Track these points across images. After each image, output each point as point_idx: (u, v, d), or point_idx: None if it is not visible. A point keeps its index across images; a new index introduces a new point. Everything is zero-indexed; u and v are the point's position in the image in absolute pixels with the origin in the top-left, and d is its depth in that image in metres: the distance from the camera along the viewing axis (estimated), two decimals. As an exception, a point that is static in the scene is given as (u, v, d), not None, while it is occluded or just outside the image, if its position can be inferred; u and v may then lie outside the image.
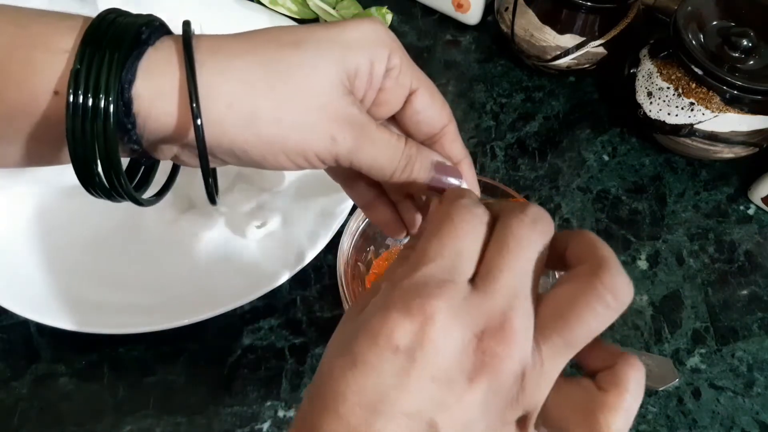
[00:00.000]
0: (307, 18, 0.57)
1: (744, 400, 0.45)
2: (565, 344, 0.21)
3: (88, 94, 0.22)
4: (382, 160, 0.26)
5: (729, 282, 0.50)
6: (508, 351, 0.20)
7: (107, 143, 0.23)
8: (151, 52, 0.23)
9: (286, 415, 0.42)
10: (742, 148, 0.52)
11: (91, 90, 0.22)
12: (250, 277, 0.44)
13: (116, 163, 0.23)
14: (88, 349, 0.43)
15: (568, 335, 0.20)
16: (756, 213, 0.54)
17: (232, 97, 0.23)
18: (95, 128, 0.22)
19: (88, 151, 0.23)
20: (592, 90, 0.61)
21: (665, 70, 0.52)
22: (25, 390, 0.42)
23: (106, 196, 0.25)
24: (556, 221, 0.52)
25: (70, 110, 0.22)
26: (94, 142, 0.22)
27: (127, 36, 0.23)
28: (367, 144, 0.25)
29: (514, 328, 0.20)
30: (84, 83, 0.22)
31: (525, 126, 0.58)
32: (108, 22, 0.23)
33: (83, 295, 0.43)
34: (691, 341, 0.47)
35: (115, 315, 0.42)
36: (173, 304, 0.43)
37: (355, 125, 0.25)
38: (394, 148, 0.26)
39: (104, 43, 0.22)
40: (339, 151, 0.25)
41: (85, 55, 0.22)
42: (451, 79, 0.60)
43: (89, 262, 0.45)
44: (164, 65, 0.23)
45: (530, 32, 0.56)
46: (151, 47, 0.23)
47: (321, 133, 0.24)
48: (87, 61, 0.22)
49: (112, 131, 0.22)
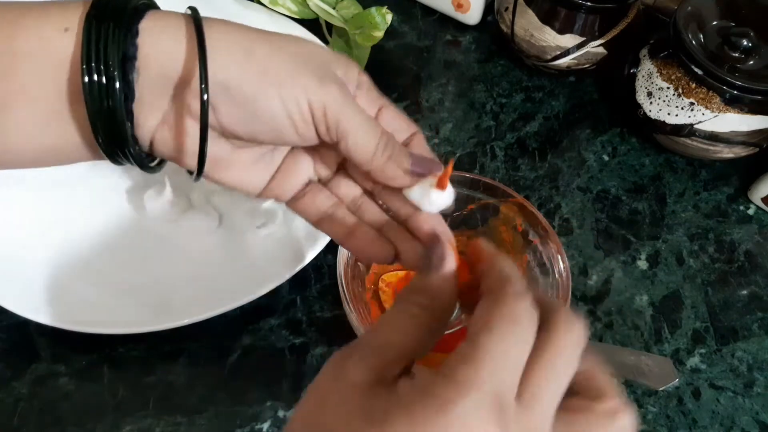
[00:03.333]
0: (307, 18, 0.57)
1: (744, 400, 0.45)
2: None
3: (100, 27, 0.24)
4: (367, 130, 0.27)
5: (729, 282, 0.50)
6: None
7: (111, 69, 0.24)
8: (154, 13, 0.26)
9: (286, 415, 0.42)
10: (742, 148, 0.52)
11: (103, 24, 0.24)
12: (250, 277, 0.44)
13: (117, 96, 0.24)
14: (88, 349, 0.43)
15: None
16: (756, 213, 0.54)
17: (236, 34, 0.26)
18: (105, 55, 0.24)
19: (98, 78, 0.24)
20: (592, 90, 0.61)
21: (665, 70, 0.52)
22: (25, 390, 0.42)
23: (114, 151, 0.26)
24: (556, 221, 0.52)
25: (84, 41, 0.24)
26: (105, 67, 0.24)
27: (131, 3, 0.25)
28: (351, 106, 0.27)
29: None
30: (96, 19, 0.24)
31: (525, 126, 0.58)
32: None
33: (83, 295, 0.43)
34: (691, 341, 0.47)
35: (116, 315, 0.42)
36: (173, 304, 0.43)
37: (339, 82, 0.27)
38: (374, 123, 0.28)
39: (108, 11, 0.24)
40: (327, 99, 0.26)
41: (94, 16, 0.24)
42: (451, 79, 0.60)
43: (89, 262, 0.46)
44: (169, 19, 0.25)
45: (530, 32, 0.56)
46: (152, 11, 0.26)
47: (311, 73, 0.26)
48: (100, 7, 0.24)
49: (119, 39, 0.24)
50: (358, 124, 0.27)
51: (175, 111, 0.26)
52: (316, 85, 0.26)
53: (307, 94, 0.26)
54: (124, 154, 0.26)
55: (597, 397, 0.22)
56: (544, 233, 0.43)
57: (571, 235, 0.52)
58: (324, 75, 0.26)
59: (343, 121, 0.26)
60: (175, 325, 0.41)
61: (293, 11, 0.57)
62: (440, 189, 0.28)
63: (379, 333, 0.23)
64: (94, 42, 0.24)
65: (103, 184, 0.49)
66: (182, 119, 0.27)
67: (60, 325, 0.41)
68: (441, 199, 0.29)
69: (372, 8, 0.53)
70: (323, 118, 0.26)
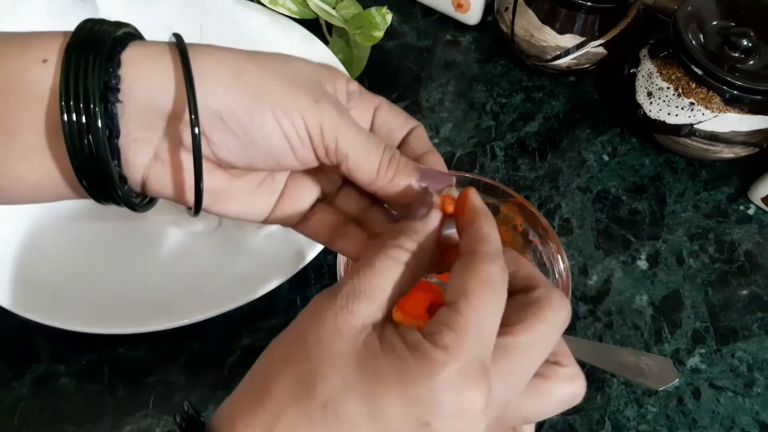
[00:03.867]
0: (307, 18, 0.57)
1: (744, 400, 0.45)
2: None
3: (80, 59, 0.22)
4: (368, 148, 0.26)
5: (729, 282, 0.50)
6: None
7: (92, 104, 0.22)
8: (137, 43, 0.24)
9: (286, 415, 0.42)
10: (742, 148, 0.52)
11: (82, 55, 0.22)
12: (250, 277, 0.44)
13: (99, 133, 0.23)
14: (88, 349, 0.43)
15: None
16: (756, 213, 0.54)
17: (221, 56, 0.24)
18: (85, 89, 0.22)
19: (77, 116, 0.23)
20: (592, 90, 0.61)
21: (665, 70, 0.52)
22: (25, 390, 0.42)
23: (99, 192, 0.25)
24: (556, 221, 0.52)
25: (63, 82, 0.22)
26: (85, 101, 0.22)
27: (112, 34, 0.24)
28: (348, 125, 0.26)
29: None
30: (76, 51, 0.23)
31: (525, 126, 0.58)
32: (87, 29, 0.24)
33: (83, 295, 0.43)
34: (691, 341, 0.47)
35: (115, 315, 0.42)
36: (173, 304, 0.43)
37: (334, 101, 0.26)
38: (375, 140, 0.26)
39: (89, 42, 0.23)
40: (323, 118, 0.25)
41: (73, 47, 0.23)
42: (451, 79, 0.60)
43: (89, 263, 0.46)
44: (153, 48, 0.24)
45: (530, 32, 0.56)
46: (135, 41, 0.25)
47: (305, 93, 0.25)
48: (80, 39, 0.23)
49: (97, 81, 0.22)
50: (357, 143, 0.26)
51: (168, 145, 0.25)
52: (310, 105, 0.25)
53: (303, 115, 0.24)
54: (111, 195, 0.25)
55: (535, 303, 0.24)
56: (544, 233, 0.43)
57: (571, 235, 0.52)
58: (318, 94, 0.25)
59: (342, 141, 0.25)
60: (175, 325, 0.41)
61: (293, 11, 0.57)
62: (447, 212, 0.26)
63: (365, 277, 0.23)
64: (73, 74, 0.22)
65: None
66: (176, 153, 0.25)
67: (60, 325, 0.41)
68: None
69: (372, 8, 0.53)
70: (321, 139, 0.25)
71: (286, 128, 0.24)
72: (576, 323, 0.47)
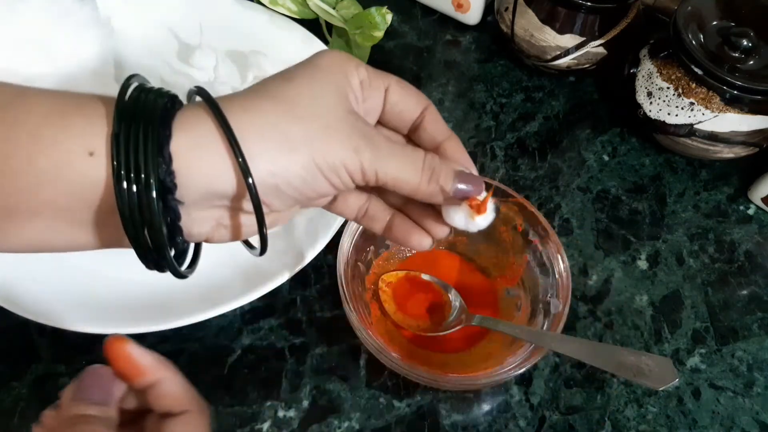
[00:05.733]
0: (307, 18, 0.57)
1: (744, 400, 0.45)
2: None
3: (129, 154, 0.22)
4: (406, 168, 0.28)
5: (729, 282, 0.50)
6: None
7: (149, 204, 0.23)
8: (180, 114, 0.24)
9: (286, 415, 0.42)
10: (742, 148, 0.52)
11: (131, 149, 0.22)
12: (250, 277, 0.44)
13: (158, 226, 0.23)
14: (88, 349, 0.43)
15: None
16: (756, 213, 0.54)
17: (262, 129, 0.25)
18: (139, 189, 0.23)
19: (135, 214, 0.23)
20: (592, 90, 0.61)
21: (665, 70, 0.52)
22: (25, 390, 0.42)
23: (153, 262, 0.26)
24: (556, 221, 0.52)
25: (114, 170, 0.22)
26: (139, 202, 0.23)
27: (158, 105, 0.24)
28: (387, 153, 0.27)
29: None
30: (125, 144, 0.22)
31: (525, 126, 0.58)
32: (129, 110, 0.23)
33: (83, 295, 0.43)
34: (691, 341, 0.47)
35: (115, 315, 0.42)
36: (173, 304, 0.43)
37: (368, 136, 0.27)
38: (414, 156, 0.28)
39: (136, 114, 0.23)
40: (363, 161, 0.26)
41: (122, 122, 0.23)
42: (451, 79, 0.60)
43: (89, 263, 0.45)
44: (195, 120, 0.24)
45: (530, 32, 0.56)
46: (178, 111, 0.24)
47: (344, 143, 0.26)
48: (124, 127, 0.23)
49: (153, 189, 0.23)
50: (396, 169, 0.27)
51: (229, 216, 0.27)
52: (351, 156, 0.26)
53: (344, 163, 0.26)
54: (163, 269, 0.26)
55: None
56: (544, 233, 0.43)
57: (571, 235, 0.52)
58: (355, 137, 0.26)
59: (381, 173, 0.27)
60: (175, 325, 0.41)
61: (293, 11, 0.57)
62: (479, 214, 0.29)
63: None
64: (125, 173, 0.22)
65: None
66: (240, 218, 0.27)
67: (60, 325, 0.41)
68: (481, 221, 0.30)
69: (372, 8, 0.53)
70: (362, 178, 0.27)
71: (333, 180, 0.26)
72: (576, 323, 0.47)
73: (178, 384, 0.27)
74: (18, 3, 0.47)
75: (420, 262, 0.48)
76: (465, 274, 0.47)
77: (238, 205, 0.26)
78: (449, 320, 0.44)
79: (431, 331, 0.44)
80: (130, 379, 0.26)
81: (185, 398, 0.27)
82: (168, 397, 0.26)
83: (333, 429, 0.42)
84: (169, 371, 0.27)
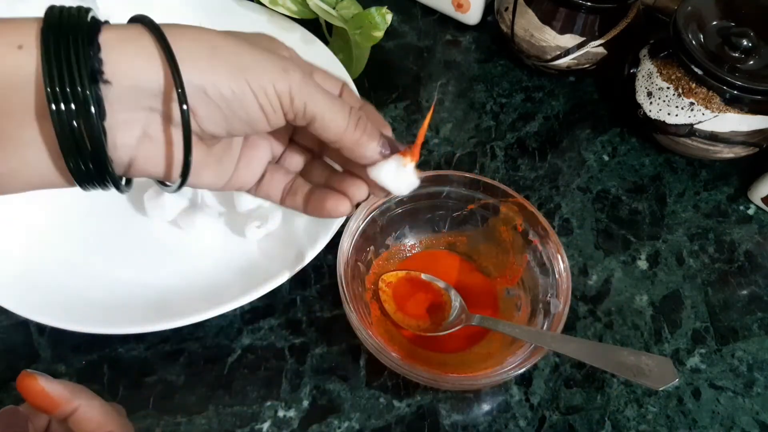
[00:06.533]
0: (307, 18, 0.57)
1: (744, 400, 0.45)
2: None
3: (59, 45, 0.22)
4: (335, 109, 0.28)
5: (729, 282, 0.50)
6: None
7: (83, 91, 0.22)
8: (110, 26, 0.24)
9: (286, 415, 0.42)
10: (742, 148, 0.52)
11: (62, 40, 0.22)
12: (250, 277, 0.44)
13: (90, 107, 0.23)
14: (88, 349, 0.43)
15: None
16: (756, 213, 0.54)
17: (195, 35, 0.25)
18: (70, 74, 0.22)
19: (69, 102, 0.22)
20: (592, 90, 0.61)
21: (665, 70, 0.52)
22: (25, 390, 0.42)
23: (86, 177, 0.25)
24: (556, 221, 0.52)
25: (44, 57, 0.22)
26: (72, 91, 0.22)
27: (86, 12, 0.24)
28: (315, 90, 0.27)
29: None
30: (54, 37, 0.22)
31: (525, 126, 0.58)
32: (57, 15, 0.23)
33: (83, 295, 0.43)
34: (691, 341, 0.47)
35: (115, 315, 0.42)
36: (173, 304, 0.43)
37: (300, 67, 0.27)
38: (342, 103, 0.29)
39: (64, 27, 0.23)
40: (292, 83, 0.26)
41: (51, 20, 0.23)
42: (451, 79, 0.60)
43: (89, 262, 0.46)
44: (128, 30, 0.24)
45: (530, 32, 0.56)
46: (105, 24, 0.25)
47: (274, 63, 0.26)
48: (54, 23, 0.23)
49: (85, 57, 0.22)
50: (324, 106, 0.28)
51: (156, 122, 0.26)
52: (280, 74, 0.26)
53: (274, 82, 0.26)
54: (98, 179, 0.25)
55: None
56: (544, 233, 0.43)
57: (571, 235, 0.52)
58: (285, 62, 0.27)
59: (310, 105, 0.27)
60: (175, 325, 0.41)
61: (293, 11, 0.57)
62: (414, 159, 0.30)
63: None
64: (55, 60, 0.22)
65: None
66: (166, 129, 0.26)
67: (60, 325, 0.41)
68: (410, 176, 0.30)
69: (372, 8, 0.53)
70: (291, 105, 0.27)
71: (261, 97, 0.26)
72: (576, 323, 0.47)
73: (96, 408, 0.28)
74: (18, 3, 0.47)
75: (420, 262, 0.48)
76: (465, 274, 0.47)
77: (166, 109, 0.25)
78: (449, 320, 0.44)
79: (431, 331, 0.44)
80: (47, 411, 0.27)
81: (105, 420, 0.28)
82: (89, 422, 0.28)
83: (333, 429, 0.42)
84: (84, 397, 0.28)
